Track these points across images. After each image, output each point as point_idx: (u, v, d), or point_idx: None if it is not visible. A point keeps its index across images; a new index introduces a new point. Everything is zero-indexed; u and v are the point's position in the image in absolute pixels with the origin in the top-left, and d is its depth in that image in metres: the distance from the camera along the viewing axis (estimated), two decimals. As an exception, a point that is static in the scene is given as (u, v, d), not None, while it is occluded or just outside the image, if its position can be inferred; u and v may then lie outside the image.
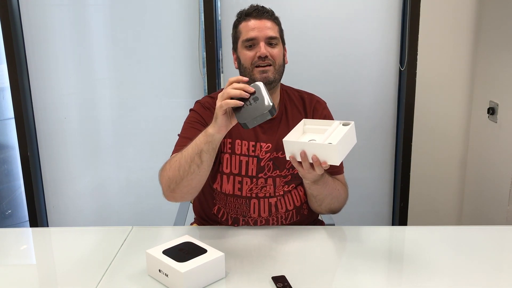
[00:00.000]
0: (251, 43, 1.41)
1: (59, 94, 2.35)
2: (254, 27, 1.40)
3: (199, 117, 1.46)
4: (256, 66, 1.40)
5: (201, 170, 1.26)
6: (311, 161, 1.21)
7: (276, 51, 1.42)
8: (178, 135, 1.47)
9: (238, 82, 1.20)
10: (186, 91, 2.36)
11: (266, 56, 1.39)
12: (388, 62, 2.31)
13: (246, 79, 1.21)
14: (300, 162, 1.23)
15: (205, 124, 1.43)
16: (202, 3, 2.19)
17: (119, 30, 2.30)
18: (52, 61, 2.31)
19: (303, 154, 1.20)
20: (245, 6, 1.49)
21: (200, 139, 1.25)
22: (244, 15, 1.44)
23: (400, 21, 2.26)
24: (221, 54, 2.29)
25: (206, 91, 2.30)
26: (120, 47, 2.32)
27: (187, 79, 2.34)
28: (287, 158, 1.24)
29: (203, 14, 2.21)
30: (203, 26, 2.22)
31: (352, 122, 1.26)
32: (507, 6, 2.00)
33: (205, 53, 2.25)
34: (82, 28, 2.30)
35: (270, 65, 1.41)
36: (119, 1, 2.27)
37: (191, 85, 2.35)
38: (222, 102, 1.18)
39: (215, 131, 1.22)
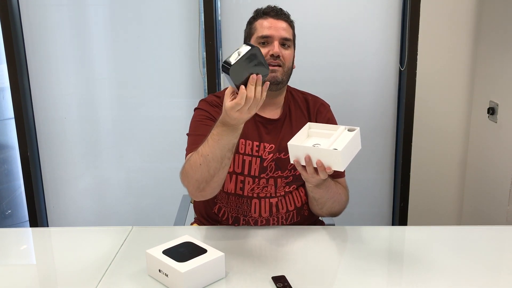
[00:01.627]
0: (266, 41, 1.42)
1: (59, 94, 2.35)
2: (271, 26, 1.42)
3: (208, 114, 1.46)
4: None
5: (230, 161, 1.28)
6: (315, 166, 1.21)
7: (287, 53, 1.43)
8: (187, 134, 1.47)
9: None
10: (186, 91, 2.36)
11: (278, 56, 1.40)
12: (388, 62, 2.31)
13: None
14: (304, 166, 1.23)
15: (215, 120, 1.42)
16: (202, 3, 2.19)
17: (119, 30, 2.30)
18: (52, 61, 2.31)
19: (308, 159, 1.20)
20: (245, 6, 1.49)
21: (228, 139, 1.23)
22: (261, 13, 1.46)
23: (400, 21, 2.26)
24: (221, 54, 2.29)
25: (206, 91, 2.30)
26: (120, 47, 2.32)
27: (187, 79, 2.34)
28: (291, 162, 1.24)
29: (203, 14, 2.21)
30: (203, 26, 2.22)
31: (358, 128, 1.25)
32: (507, 6, 2.00)
33: (205, 53, 2.25)
34: (82, 28, 2.29)
35: (279, 66, 1.41)
36: (119, 1, 2.27)
37: (191, 85, 2.35)
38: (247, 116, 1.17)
39: (238, 132, 1.23)
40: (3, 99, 2.43)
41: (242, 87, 1.13)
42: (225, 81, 2.31)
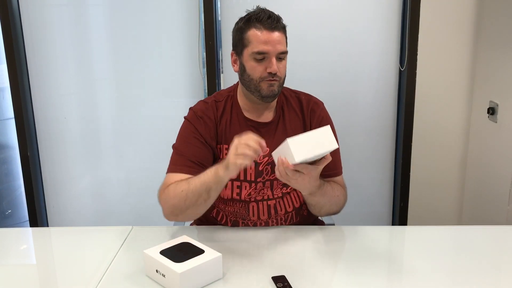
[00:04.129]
0: (262, 57, 1.36)
1: (59, 94, 2.35)
2: (267, 41, 1.35)
3: (193, 129, 1.43)
4: (264, 80, 1.38)
5: (208, 203, 1.30)
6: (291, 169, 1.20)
7: (283, 65, 1.40)
8: (173, 147, 1.46)
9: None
10: (186, 91, 2.36)
11: (276, 73, 1.37)
12: (388, 62, 2.31)
13: (262, 143, 1.21)
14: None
15: (199, 136, 1.42)
16: (202, 3, 2.19)
17: (119, 30, 2.30)
18: (52, 61, 2.31)
19: (280, 161, 1.20)
20: (245, 6, 1.48)
21: (209, 177, 1.26)
22: (254, 21, 1.37)
23: (400, 21, 2.26)
24: (221, 54, 2.29)
25: (206, 91, 2.30)
26: (120, 47, 2.32)
27: (187, 79, 2.34)
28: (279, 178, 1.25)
29: (203, 14, 2.21)
30: (203, 26, 2.22)
31: (327, 126, 1.22)
32: (507, 6, 2.00)
33: (205, 53, 2.25)
34: (82, 28, 2.30)
35: (276, 80, 1.39)
36: (119, 1, 2.27)
37: (191, 85, 2.35)
38: (238, 161, 1.18)
39: (226, 176, 1.24)
40: (3, 99, 2.43)
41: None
42: (224, 81, 2.31)
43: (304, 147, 1.17)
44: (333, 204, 1.44)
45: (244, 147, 1.18)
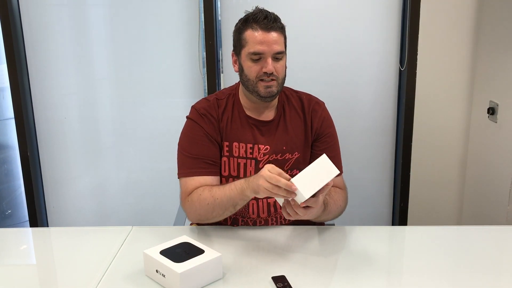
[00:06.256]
0: (258, 57, 1.37)
1: (59, 94, 2.35)
2: (263, 41, 1.36)
3: (200, 128, 1.44)
4: (261, 80, 1.39)
5: (233, 212, 1.36)
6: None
7: (280, 65, 1.40)
8: (181, 148, 1.45)
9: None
10: (186, 91, 2.36)
11: (272, 72, 1.37)
12: (388, 62, 2.31)
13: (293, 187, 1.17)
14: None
15: (206, 134, 1.43)
16: (202, 3, 2.19)
17: (119, 30, 2.30)
18: (52, 61, 2.31)
19: (287, 204, 1.22)
20: (245, 6, 1.48)
21: (236, 195, 1.31)
22: (251, 21, 1.38)
23: (400, 21, 2.26)
24: (221, 54, 2.29)
25: (206, 91, 2.30)
26: (120, 47, 2.32)
27: (187, 79, 2.34)
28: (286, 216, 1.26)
29: (203, 14, 2.21)
30: (203, 26, 2.22)
31: (324, 155, 1.22)
32: (507, 6, 2.00)
33: (205, 53, 2.25)
34: (82, 28, 2.30)
35: (274, 80, 1.39)
36: (119, 1, 2.27)
37: (191, 85, 2.35)
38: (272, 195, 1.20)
39: (252, 195, 1.28)
40: (3, 99, 2.43)
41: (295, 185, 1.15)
42: (224, 81, 2.31)
43: (309, 181, 1.17)
44: (337, 214, 1.46)
45: (277, 182, 1.17)
